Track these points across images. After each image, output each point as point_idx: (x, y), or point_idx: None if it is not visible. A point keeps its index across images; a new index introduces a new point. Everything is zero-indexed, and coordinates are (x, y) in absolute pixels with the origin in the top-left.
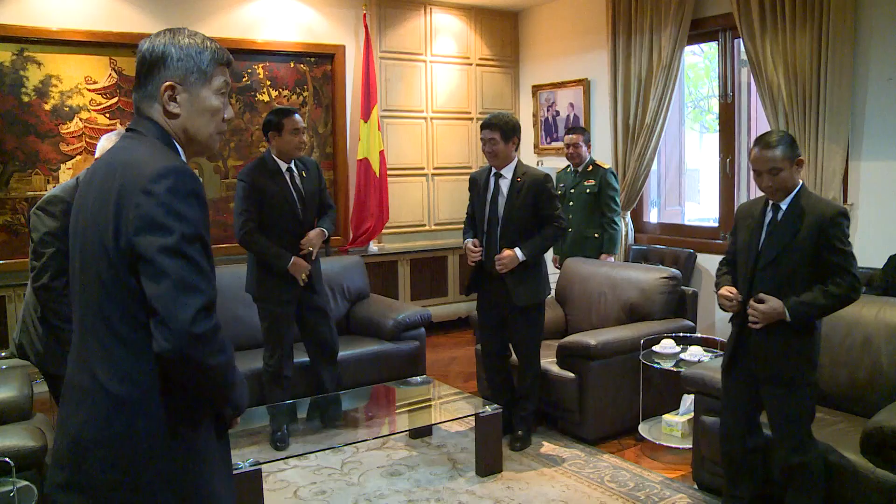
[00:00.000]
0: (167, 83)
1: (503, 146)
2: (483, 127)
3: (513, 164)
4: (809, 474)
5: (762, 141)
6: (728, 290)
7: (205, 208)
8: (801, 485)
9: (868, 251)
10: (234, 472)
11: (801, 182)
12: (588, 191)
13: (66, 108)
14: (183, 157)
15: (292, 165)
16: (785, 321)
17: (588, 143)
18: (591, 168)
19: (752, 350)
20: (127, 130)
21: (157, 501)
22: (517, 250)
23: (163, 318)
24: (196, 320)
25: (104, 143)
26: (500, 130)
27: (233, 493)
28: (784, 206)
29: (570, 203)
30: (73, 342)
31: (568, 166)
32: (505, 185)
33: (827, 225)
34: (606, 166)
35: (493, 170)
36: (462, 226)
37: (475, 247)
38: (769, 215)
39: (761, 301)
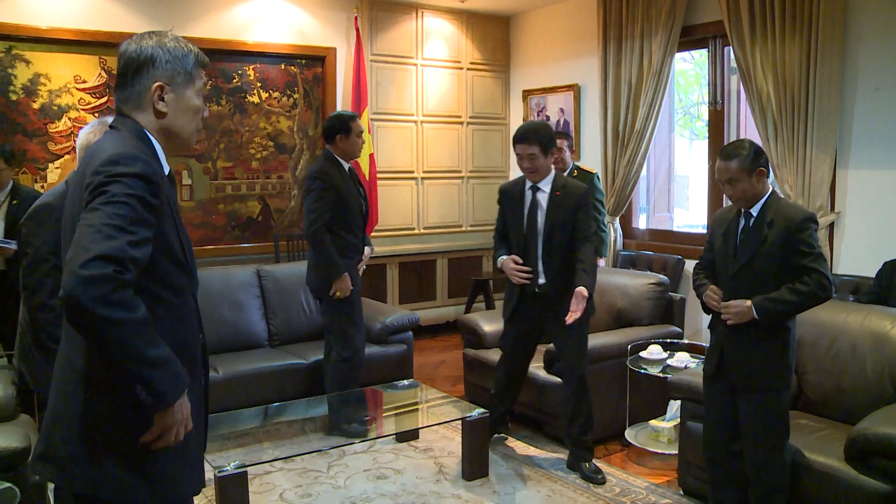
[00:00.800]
0: (157, 83)
1: (543, 160)
2: (518, 141)
3: (550, 176)
4: (774, 488)
5: (721, 152)
6: (715, 289)
7: (155, 195)
8: (764, 495)
9: (855, 259)
10: (220, 474)
11: (770, 189)
12: None
13: (55, 108)
14: (161, 154)
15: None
16: (757, 326)
17: (571, 148)
18: (576, 173)
19: (728, 357)
20: (109, 128)
21: (113, 477)
22: (583, 289)
23: (66, 261)
24: (89, 263)
25: (84, 136)
26: (539, 144)
27: (195, 476)
28: (754, 212)
29: None
30: (63, 326)
31: None
32: (543, 199)
33: (795, 230)
34: (593, 171)
35: (529, 182)
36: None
37: (517, 264)
38: (742, 222)
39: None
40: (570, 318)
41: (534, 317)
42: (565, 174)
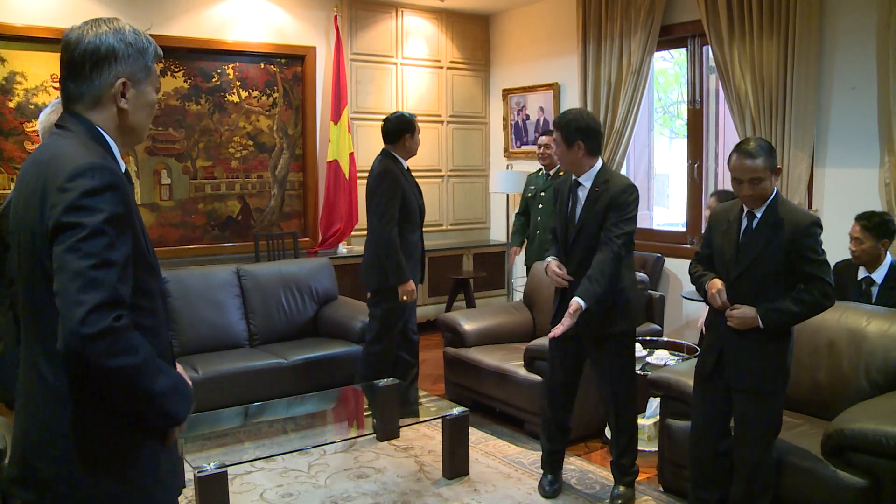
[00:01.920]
0: (122, 79)
1: (566, 151)
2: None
3: (592, 172)
4: (759, 487)
5: (743, 150)
6: (721, 287)
7: (124, 203)
8: (752, 494)
9: (831, 257)
10: (200, 474)
11: (776, 189)
12: None
13: (32, 106)
14: (117, 153)
15: None
16: (759, 329)
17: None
18: (563, 172)
19: (727, 358)
20: (56, 127)
21: (107, 490)
22: (578, 300)
23: (62, 316)
24: (88, 319)
25: (48, 116)
26: (561, 131)
27: (176, 482)
28: (759, 214)
29: (540, 206)
30: (22, 339)
31: (540, 170)
32: (583, 196)
33: (800, 235)
34: None
35: (574, 176)
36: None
37: (560, 269)
38: (744, 223)
39: (735, 309)
40: (552, 332)
41: (572, 330)
42: (552, 172)
